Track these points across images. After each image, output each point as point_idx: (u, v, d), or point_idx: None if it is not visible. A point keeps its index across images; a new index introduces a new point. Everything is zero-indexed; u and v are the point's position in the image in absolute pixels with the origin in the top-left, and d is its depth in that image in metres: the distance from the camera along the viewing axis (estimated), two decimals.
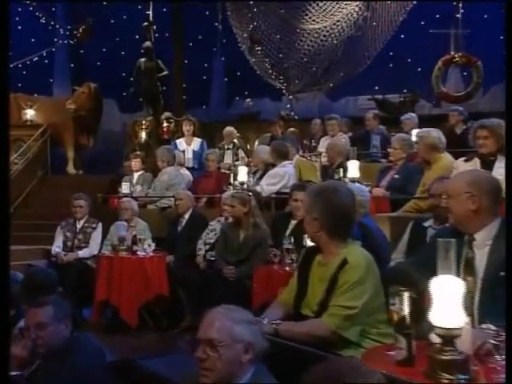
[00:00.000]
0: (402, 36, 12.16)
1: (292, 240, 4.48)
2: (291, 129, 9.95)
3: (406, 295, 1.85)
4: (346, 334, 2.36)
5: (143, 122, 11.02)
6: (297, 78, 11.37)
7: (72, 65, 15.61)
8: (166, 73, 10.80)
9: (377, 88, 13.58)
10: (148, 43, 10.71)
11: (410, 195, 5.16)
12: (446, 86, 11.06)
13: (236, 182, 6.77)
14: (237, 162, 8.97)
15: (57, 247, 6.54)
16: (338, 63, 11.38)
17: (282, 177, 6.24)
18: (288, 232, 4.96)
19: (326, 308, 2.40)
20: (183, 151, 8.40)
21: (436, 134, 4.84)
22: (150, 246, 5.78)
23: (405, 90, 12.83)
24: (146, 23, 10.92)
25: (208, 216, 6.44)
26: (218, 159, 7.69)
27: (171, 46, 12.46)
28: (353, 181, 5.28)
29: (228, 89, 14.55)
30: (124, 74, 15.41)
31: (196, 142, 8.51)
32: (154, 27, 10.81)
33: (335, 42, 11.14)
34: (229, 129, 9.44)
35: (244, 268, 4.83)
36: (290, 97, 11.55)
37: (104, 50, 15.37)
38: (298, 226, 4.91)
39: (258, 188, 6.19)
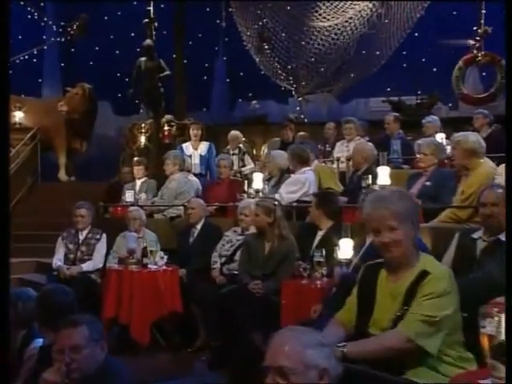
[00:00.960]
0: (416, 34, 12.15)
1: (323, 252, 4.41)
2: (301, 133, 9.88)
3: (503, 317, 1.77)
4: (424, 343, 2.27)
5: (142, 125, 10.95)
6: (306, 79, 11.32)
7: (62, 64, 15.54)
8: (167, 73, 10.74)
9: (389, 89, 13.58)
10: (149, 41, 10.66)
11: (444, 204, 5.10)
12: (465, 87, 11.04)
13: (251, 190, 6.74)
14: (243, 168, 8.96)
15: (58, 260, 6.43)
16: (349, 63, 11.37)
17: (302, 184, 6.19)
18: (315, 243, 4.91)
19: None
20: (190, 156, 8.32)
21: (475, 138, 4.79)
22: (162, 258, 5.70)
23: (419, 92, 12.83)
24: (146, 20, 10.86)
25: (220, 226, 6.39)
26: (230, 165, 7.60)
27: (170, 44, 12.40)
28: (382, 188, 5.20)
29: (230, 90, 14.51)
30: (119, 75, 15.35)
31: (203, 147, 8.43)
32: (156, 24, 10.73)
33: (347, 40, 11.14)
34: (234, 133, 9.39)
35: (271, 283, 4.75)
36: (300, 99, 11.46)
37: (97, 48, 15.32)
38: (325, 236, 4.86)
39: (276, 196, 6.09)
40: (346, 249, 4.31)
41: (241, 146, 9.79)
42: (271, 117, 12.88)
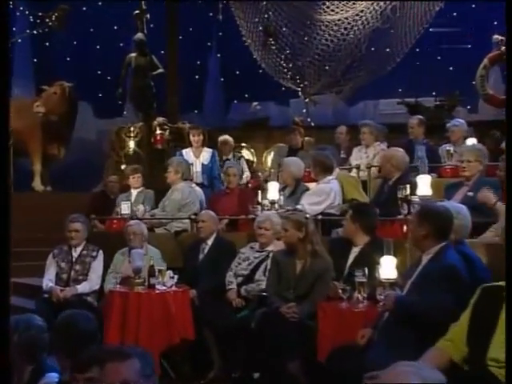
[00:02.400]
0: (431, 29, 12.17)
1: (366, 272, 4.33)
2: (306, 138, 9.86)
3: None
4: None
5: (131, 128, 10.86)
6: (313, 78, 11.28)
7: (35, 60, 15.37)
8: (161, 71, 10.68)
9: (400, 90, 13.64)
10: (140, 35, 10.60)
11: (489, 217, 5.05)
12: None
13: (265, 201, 6.67)
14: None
15: (49, 281, 6.29)
16: (360, 61, 11.37)
17: (327, 195, 6.16)
18: (350, 261, 4.83)
19: None
20: (191, 164, 8.23)
21: None
22: (172, 278, 5.59)
23: (434, 93, 12.87)
24: (137, 11, 10.77)
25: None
26: (239, 173, 7.53)
27: (158, 38, 12.27)
28: (423, 200, 5.15)
29: (225, 91, 14.49)
30: (100, 72, 15.29)
31: (206, 154, 8.33)
32: (148, 16, 10.65)
33: (358, 35, 11.14)
34: (225, 137, 9.40)
35: (306, 306, 4.67)
36: (307, 100, 11.42)
37: (75, 42, 15.21)
38: (362, 253, 4.79)
39: (298, 208, 6.03)
40: (388, 268, 4.23)
41: (242, 152, 9.76)
42: (271, 120, 12.85)
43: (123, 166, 10.89)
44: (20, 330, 3.28)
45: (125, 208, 7.40)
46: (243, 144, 11.58)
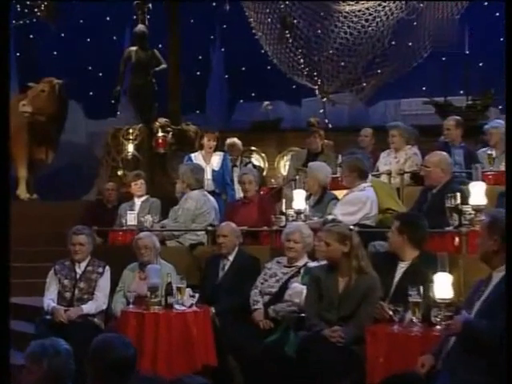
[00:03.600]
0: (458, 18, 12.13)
1: (421, 291, 4.26)
2: (326, 141, 9.83)
3: None
4: None
5: (130, 130, 10.81)
6: (331, 75, 11.25)
7: (18, 54, 15.27)
8: (164, 66, 10.67)
9: (424, 88, 13.63)
10: (141, 27, 10.59)
11: None
12: None
13: (290, 211, 6.66)
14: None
15: (50, 300, 6.20)
16: (384, 56, 11.35)
17: (363, 203, 6.09)
18: (397, 278, 4.77)
19: None
20: None
21: None
22: (192, 297, 5.53)
23: (461, 91, 12.86)
24: (137, 1, 10.72)
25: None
26: (257, 180, 7.47)
27: (157, 31, 12.20)
28: (477, 210, 5.11)
29: (229, 89, 14.45)
30: (91, 68, 15.26)
31: (217, 159, 8.25)
32: (150, 6, 10.62)
33: (380, 28, 11.11)
34: (232, 140, 9.38)
35: (352, 329, 4.59)
36: (324, 99, 11.40)
37: (62, 35, 15.13)
38: (410, 270, 4.73)
39: (329, 218, 5.96)
40: (444, 286, 4.17)
41: (251, 157, 9.73)
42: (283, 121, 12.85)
43: (120, 172, 10.88)
44: (49, 356, 3.23)
45: (131, 219, 7.43)
46: (253, 148, 11.55)
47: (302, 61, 11.17)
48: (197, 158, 8.31)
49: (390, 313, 4.39)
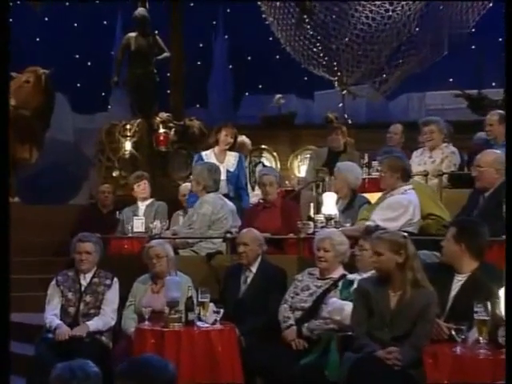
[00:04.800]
0: (491, 4, 12.10)
1: (489, 308, 4.20)
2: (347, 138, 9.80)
3: None
4: None
5: (127, 126, 10.76)
6: (351, 66, 11.22)
7: None
8: (167, 54, 10.66)
9: (452, 80, 13.60)
10: (142, 11, 10.59)
11: None
12: None
13: (319, 216, 6.66)
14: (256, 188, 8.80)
15: (53, 316, 6.14)
16: (410, 44, 11.29)
17: (405, 208, 6.05)
18: (453, 293, 4.72)
19: None
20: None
21: None
22: (216, 313, 5.45)
23: (494, 83, 12.83)
24: None
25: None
26: (278, 182, 7.42)
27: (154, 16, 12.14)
28: None
29: (234, 80, 14.39)
30: (78, 56, 15.16)
31: (232, 159, 8.12)
32: None
33: (406, 12, 11.08)
34: (240, 138, 9.24)
35: (408, 350, 4.51)
36: (344, 92, 11.36)
37: (46, 19, 15.04)
38: (469, 283, 4.68)
39: (372, 224, 5.93)
40: None
41: (262, 156, 9.68)
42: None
43: (116, 173, 10.83)
44: (79, 380, 3.14)
45: (137, 225, 7.50)
46: (263, 146, 11.51)
47: (319, 49, 11.04)
48: (209, 156, 8.17)
49: (452, 332, 4.31)
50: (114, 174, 10.89)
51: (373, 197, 7.21)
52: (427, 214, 6.37)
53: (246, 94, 14.46)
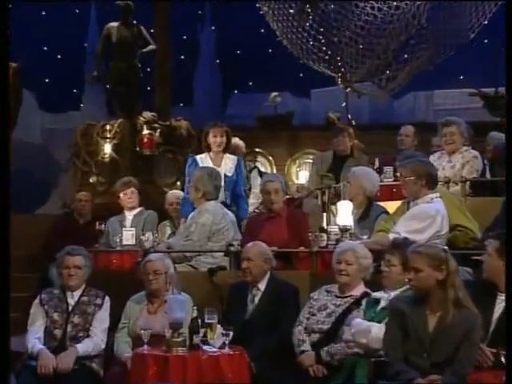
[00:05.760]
0: None
1: None
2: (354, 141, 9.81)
3: None
4: None
5: (107, 127, 10.67)
6: (355, 61, 11.22)
7: None
8: (152, 47, 10.57)
9: (462, 77, 13.64)
10: None
11: None
12: None
13: (333, 228, 6.65)
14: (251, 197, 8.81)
15: (36, 340, 6.04)
16: (420, 37, 11.31)
17: (432, 219, 6.02)
18: (497, 314, 4.75)
19: None
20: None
21: None
22: (225, 335, 5.40)
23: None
24: None
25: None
26: (285, 189, 7.41)
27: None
28: None
29: (222, 77, 14.35)
30: (46, 49, 15.03)
31: (229, 163, 8.11)
32: None
33: (416, 2, 11.07)
34: (233, 141, 9.22)
35: (451, 378, 4.45)
36: (348, 89, 11.37)
37: (10, 6, 14.89)
38: None
39: (391, 237, 5.93)
40: None
41: (256, 161, 9.66)
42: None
43: (93, 179, 10.76)
44: None
45: (127, 237, 7.38)
46: (257, 149, 11.48)
47: (320, 42, 11.03)
48: (204, 160, 8.15)
49: (502, 358, 4.30)
50: (91, 180, 10.80)
51: (387, 206, 7.23)
52: (454, 226, 6.36)
53: (235, 91, 14.44)
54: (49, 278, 8.90)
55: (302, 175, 10.04)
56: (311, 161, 11.26)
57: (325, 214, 7.07)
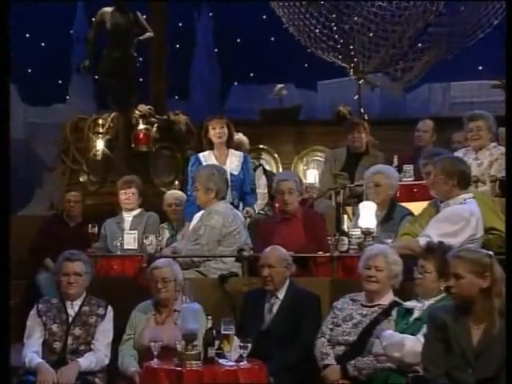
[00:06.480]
0: None
1: None
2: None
3: None
4: None
5: (99, 121, 10.60)
6: (368, 50, 11.21)
7: None
8: (150, 34, 10.53)
9: (481, 68, 13.65)
10: None
11: None
12: None
13: (355, 231, 6.66)
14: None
15: (33, 353, 6.00)
16: (438, 25, 11.29)
17: (466, 221, 6.02)
18: None
19: None
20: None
21: None
22: (244, 348, 5.37)
23: None
24: None
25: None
26: (300, 189, 7.40)
27: None
28: None
29: (221, 67, 14.34)
30: (29, 36, 14.99)
31: (235, 160, 8.17)
32: None
33: None
34: (237, 137, 9.21)
35: None
36: (361, 81, 11.36)
37: None
38: None
39: (422, 241, 5.90)
40: None
41: (260, 158, 9.63)
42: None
43: (83, 178, 10.71)
44: None
45: (129, 241, 7.41)
46: (261, 146, 11.46)
47: (330, 30, 11.01)
48: (208, 158, 8.19)
49: None
50: (81, 179, 10.72)
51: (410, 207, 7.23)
52: (488, 229, 6.35)
53: (235, 83, 14.45)
54: (36, 284, 8.88)
55: (310, 174, 9.92)
56: (320, 158, 11.31)
57: (345, 216, 6.99)
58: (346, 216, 7.51)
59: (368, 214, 6.55)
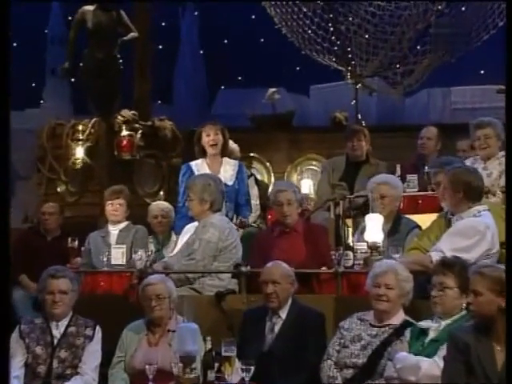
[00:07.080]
0: None
1: None
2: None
3: None
4: None
5: (79, 127, 10.59)
6: (366, 52, 11.21)
7: None
8: (134, 35, 10.50)
9: (483, 72, 13.67)
10: None
11: None
12: None
13: (361, 245, 6.66)
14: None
15: (13, 379, 5.89)
16: (440, 26, 11.28)
17: (482, 235, 6.00)
18: None
19: None
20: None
21: None
22: (247, 371, 5.34)
23: None
24: None
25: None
26: (299, 199, 7.40)
27: None
28: None
29: (207, 70, 14.29)
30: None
31: (228, 168, 8.24)
32: None
33: None
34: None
35: None
36: (359, 85, 11.36)
37: None
38: None
39: (435, 256, 5.89)
40: None
41: (251, 167, 9.63)
42: None
43: (61, 188, 10.67)
44: None
45: (117, 256, 7.32)
46: (252, 154, 11.44)
47: (326, 31, 11.02)
48: (200, 167, 8.25)
49: None
50: (58, 190, 10.70)
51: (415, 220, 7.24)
52: (502, 243, 6.32)
53: (222, 87, 14.39)
54: (11, 303, 8.81)
55: (304, 184, 9.90)
56: (315, 167, 11.31)
57: (350, 230, 6.97)
58: (350, 229, 7.42)
59: (375, 228, 6.53)
